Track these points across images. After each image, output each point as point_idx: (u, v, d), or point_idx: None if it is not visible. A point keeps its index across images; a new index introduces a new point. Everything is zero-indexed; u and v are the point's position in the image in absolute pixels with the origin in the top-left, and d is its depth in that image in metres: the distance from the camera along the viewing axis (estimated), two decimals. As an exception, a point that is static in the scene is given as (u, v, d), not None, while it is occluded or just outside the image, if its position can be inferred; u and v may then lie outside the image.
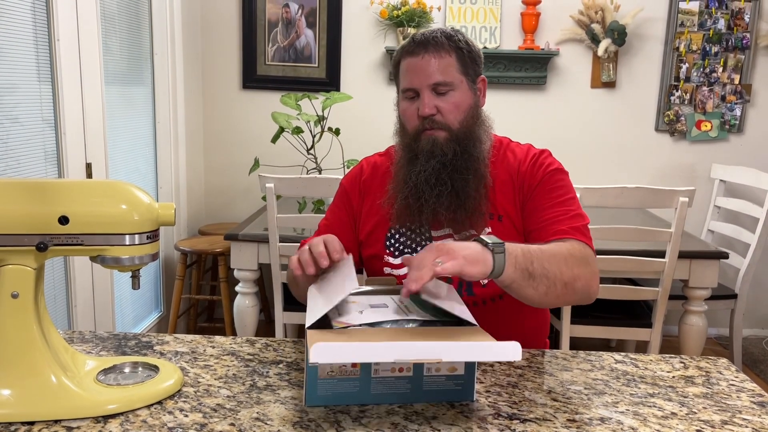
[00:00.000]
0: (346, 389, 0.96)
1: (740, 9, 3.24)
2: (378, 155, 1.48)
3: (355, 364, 0.95)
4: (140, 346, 1.18)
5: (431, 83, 1.27)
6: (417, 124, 1.30)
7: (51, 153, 2.15)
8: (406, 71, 1.31)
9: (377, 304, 1.09)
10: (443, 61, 1.28)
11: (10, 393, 0.91)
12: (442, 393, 0.99)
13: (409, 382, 0.98)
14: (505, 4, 3.30)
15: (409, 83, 1.30)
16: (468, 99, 1.31)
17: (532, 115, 3.40)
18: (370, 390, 0.97)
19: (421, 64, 1.27)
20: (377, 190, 1.41)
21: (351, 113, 3.33)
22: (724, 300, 2.82)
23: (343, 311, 1.05)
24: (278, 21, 3.34)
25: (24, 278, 0.92)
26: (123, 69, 2.69)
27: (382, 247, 1.38)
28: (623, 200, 2.21)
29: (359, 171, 1.46)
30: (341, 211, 1.44)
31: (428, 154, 1.28)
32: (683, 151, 3.41)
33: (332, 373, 0.95)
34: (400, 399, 0.98)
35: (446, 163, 1.28)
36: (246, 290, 2.53)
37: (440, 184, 1.28)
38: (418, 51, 1.28)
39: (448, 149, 1.28)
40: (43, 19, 2.07)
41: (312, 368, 0.94)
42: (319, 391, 0.95)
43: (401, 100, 1.34)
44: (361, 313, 1.04)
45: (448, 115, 1.29)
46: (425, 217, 1.31)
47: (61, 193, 0.93)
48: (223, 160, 3.51)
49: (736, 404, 1.02)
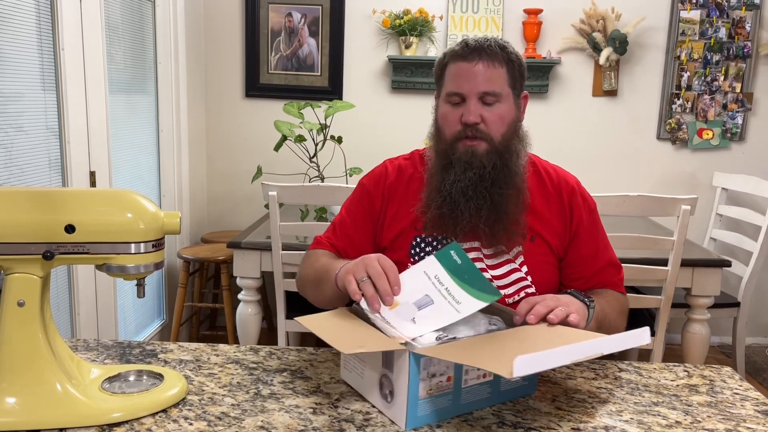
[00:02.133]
0: (442, 404, 0.95)
1: (741, 18, 3.26)
2: (402, 158, 1.44)
3: (449, 378, 0.94)
4: (144, 354, 1.18)
5: (480, 91, 1.25)
6: (457, 131, 1.27)
7: (55, 161, 2.16)
8: (455, 75, 1.28)
9: (423, 303, 1.07)
10: (495, 71, 1.26)
11: (15, 401, 0.92)
12: (514, 391, 1.02)
13: (490, 386, 0.99)
14: (507, 13, 3.31)
15: (457, 87, 1.27)
16: (512, 112, 1.30)
17: (533, 124, 3.37)
18: (460, 401, 0.97)
19: (473, 70, 1.25)
20: (402, 195, 1.37)
21: (353, 122, 3.34)
22: (726, 308, 2.82)
23: (395, 320, 1.03)
24: (281, 30, 3.36)
25: (30, 287, 0.93)
26: (127, 78, 2.71)
27: (406, 254, 1.34)
28: (625, 208, 2.21)
29: (383, 173, 1.41)
30: (359, 213, 1.40)
31: (465, 165, 1.26)
32: (685, 159, 3.42)
33: (431, 392, 0.93)
34: (483, 404, 0.99)
35: (485, 175, 1.26)
36: (248, 298, 2.53)
37: (478, 197, 1.26)
38: (472, 57, 1.26)
39: (487, 161, 1.26)
40: (48, 28, 2.09)
41: (413, 389, 0.91)
42: (420, 412, 0.93)
43: (443, 104, 1.31)
44: (414, 321, 1.03)
45: (492, 126, 1.27)
46: (460, 229, 1.28)
47: (68, 201, 0.93)
48: (225, 168, 3.52)
49: (740, 413, 1.02)
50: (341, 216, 1.43)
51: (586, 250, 1.35)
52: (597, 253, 1.36)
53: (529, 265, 1.32)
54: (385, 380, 0.96)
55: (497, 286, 1.30)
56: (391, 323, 1.03)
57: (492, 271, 1.31)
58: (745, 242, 2.95)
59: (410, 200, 1.35)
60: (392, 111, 3.42)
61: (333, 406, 1.00)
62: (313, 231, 2.40)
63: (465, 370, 0.95)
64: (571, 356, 0.88)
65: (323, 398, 1.03)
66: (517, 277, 1.31)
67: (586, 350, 0.89)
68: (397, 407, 0.93)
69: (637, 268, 2.27)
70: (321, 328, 1.02)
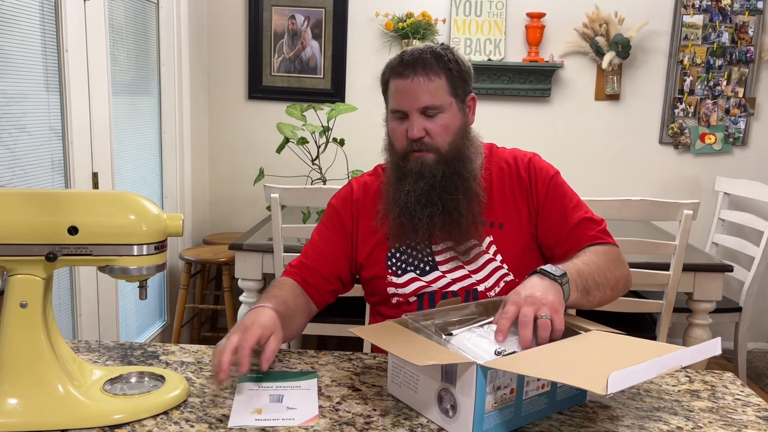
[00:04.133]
0: (505, 417, 0.94)
1: (744, 23, 3.26)
2: (367, 175, 1.46)
3: (512, 390, 0.94)
4: (146, 356, 1.19)
5: (420, 107, 1.26)
6: (405, 145, 1.30)
7: (58, 162, 2.16)
8: (395, 92, 1.29)
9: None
10: (432, 84, 1.26)
11: (17, 402, 0.92)
12: (569, 400, 1.03)
13: (547, 396, 0.99)
14: (510, 16, 3.31)
15: (398, 105, 1.28)
16: (457, 120, 1.30)
17: (536, 127, 3.41)
18: (521, 413, 0.96)
19: (410, 87, 1.26)
20: (370, 210, 1.39)
21: (356, 124, 3.34)
22: (728, 313, 2.81)
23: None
24: (284, 32, 3.37)
25: (33, 288, 0.93)
26: (130, 79, 2.71)
27: (383, 267, 1.36)
28: (627, 212, 2.21)
29: (349, 191, 1.44)
30: (331, 233, 1.41)
31: (417, 175, 1.29)
32: (687, 163, 3.42)
33: (496, 405, 0.93)
34: (541, 414, 0.99)
35: (435, 184, 1.29)
36: (250, 300, 2.53)
37: (430, 205, 1.29)
38: (407, 73, 1.26)
39: (436, 171, 1.28)
40: (52, 29, 2.09)
41: (480, 403, 0.90)
42: (485, 426, 0.92)
43: (390, 119, 1.33)
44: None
45: (437, 138, 1.28)
46: (421, 235, 1.32)
47: (71, 203, 0.93)
48: (228, 170, 3.52)
49: (741, 419, 1.02)
50: (312, 239, 1.43)
51: (555, 213, 1.34)
52: (566, 213, 1.34)
53: (503, 252, 1.33)
54: (445, 394, 0.94)
55: (476, 280, 1.32)
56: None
57: (468, 266, 1.33)
58: (747, 247, 2.94)
59: (377, 215, 1.37)
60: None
61: (334, 409, 1.00)
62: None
63: (526, 382, 0.95)
64: (656, 370, 0.89)
65: (324, 401, 1.03)
66: (493, 267, 1.33)
67: (668, 363, 0.90)
68: (461, 422, 0.92)
69: (638, 272, 2.27)
70: (381, 339, 1.02)
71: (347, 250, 1.40)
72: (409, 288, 1.34)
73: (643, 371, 0.86)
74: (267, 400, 1.02)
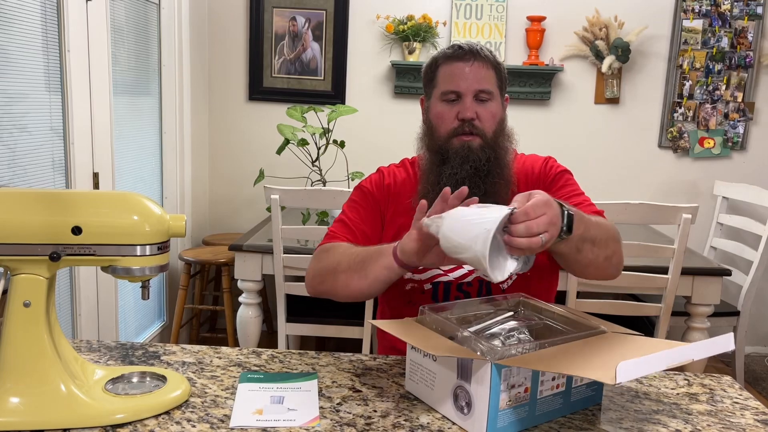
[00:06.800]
0: (519, 416, 0.95)
1: (743, 28, 3.27)
2: (393, 165, 1.50)
3: (527, 389, 0.95)
4: (147, 356, 1.19)
5: (475, 89, 1.33)
6: (453, 128, 1.34)
7: (59, 162, 2.17)
8: (450, 75, 1.35)
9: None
10: (487, 72, 1.35)
11: (19, 401, 0.92)
12: (584, 401, 1.03)
13: (562, 396, 0.99)
14: (510, 20, 3.32)
15: (453, 86, 1.34)
16: (500, 111, 1.39)
17: (536, 130, 3.42)
18: (535, 412, 0.97)
19: (469, 69, 1.33)
20: (396, 197, 1.42)
21: (356, 126, 3.35)
22: (726, 317, 2.82)
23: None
24: (285, 34, 3.37)
25: (36, 287, 0.93)
26: (131, 80, 2.72)
27: None
28: (626, 216, 2.22)
29: (380, 177, 1.47)
30: (365, 210, 1.42)
31: (462, 159, 1.32)
32: (686, 167, 3.43)
33: (510, 403, 0.93)
34: (555, 414, 1.00)
35: (480, 168, 1.33)
36: (249, 301, 2.53)
37: (474, 188, 1.30)
38: (467, 57, 1.34)
39: (482, 155, 1.33)
40: (54, 29, 2.10)
41: (494, 400, 0.91)
42: (499, 423, 0.93)
43: (438, 102, 1.37)
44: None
45: (486, 122, 1.34)
46: None
47: (75, 203, 0.94)
48: (228, 171, 3.52)
49: (740, 422, 1.02)
50: (345, 215, 1.43)
51: (557, 196, 1.30)
52: (569, 198, 1.37)
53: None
54: (460, 391, 0.95)
55: None
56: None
57: None
58: (746, 251, 2.95)
59: (404, 202, 1.41)
60: (395, 116, 3.43)
61: (335, 410, 1.00)
62: (314, 235, 2.40)
63: (540, 381, 0.96)
64: (666, 362, 0.89)
65: (325, 402, 1.03)
66: None
67: (678, 356, 0.91)
68: (475, 419, 0.93)
69: (637, 275, 2.28)
70: (401, 332, 1.04)
71: (378, 229, 1.42)
72: (426, 275, 1.35)
73: (652, 362, 0.87)
74: (268, 401, 1.02)
